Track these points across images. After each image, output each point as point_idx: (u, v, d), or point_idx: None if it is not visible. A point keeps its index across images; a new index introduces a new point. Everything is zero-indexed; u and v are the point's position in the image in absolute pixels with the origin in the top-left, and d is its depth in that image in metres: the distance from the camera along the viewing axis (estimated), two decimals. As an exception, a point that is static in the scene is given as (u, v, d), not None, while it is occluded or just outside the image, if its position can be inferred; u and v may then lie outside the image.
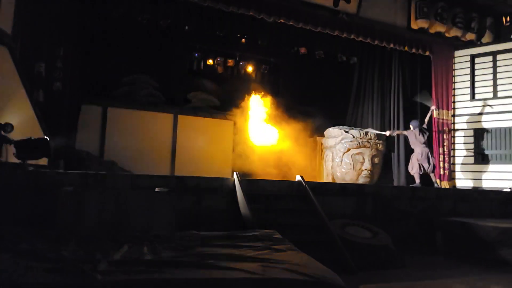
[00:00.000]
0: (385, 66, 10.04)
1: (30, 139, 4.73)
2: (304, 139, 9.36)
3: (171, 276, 2.16)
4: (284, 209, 5.33)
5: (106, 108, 8.68)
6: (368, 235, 5.26)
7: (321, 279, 2.19)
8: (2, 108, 4.86)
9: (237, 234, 3.58)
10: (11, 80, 5.15)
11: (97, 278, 2.08)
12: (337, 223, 5.45)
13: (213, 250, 2.89)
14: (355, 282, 4.03)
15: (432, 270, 4.92)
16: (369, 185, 6.57)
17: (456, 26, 9.11)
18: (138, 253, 2.78)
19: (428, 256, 5.84)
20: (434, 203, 6.78)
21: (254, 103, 9.58)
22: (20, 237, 3.07)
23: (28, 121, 5.30)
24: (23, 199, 4.29)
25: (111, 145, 8.42)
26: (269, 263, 2.43)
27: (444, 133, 9.41)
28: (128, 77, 9.58)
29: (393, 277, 4.43)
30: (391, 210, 6.39)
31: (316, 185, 5.96)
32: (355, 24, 8.50)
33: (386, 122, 9.87)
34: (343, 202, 6.06)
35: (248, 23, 8.24)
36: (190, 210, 5.00)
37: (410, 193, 6.66)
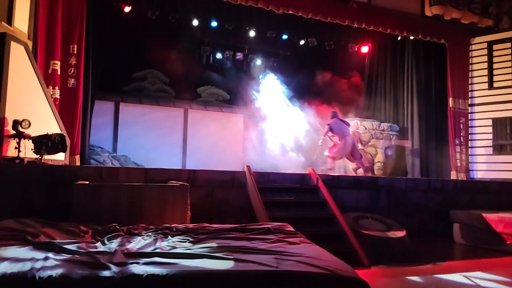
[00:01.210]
0: (397, 55, 9.85)
1: (47, 135, 4.83)
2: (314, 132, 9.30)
3: (185, 268, 2.17)
4: (296, 202, 5.31)
5: (118, 104, 8.80)
6: (382, 228, 5.21)
7: (336, 271, 2.17)
8: (20, 105, 4.96)
9: (249, 226, 3.58)
10: (28, 78, 5.25)
11: (114, 269, 2.11)
12: (350, 216, 5.41)
13: (226, 243, 2.89)
14: (370, 276, 4.00)
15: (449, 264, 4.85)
16: (382, 177, 6.48)
17: (472, 11, 8.84)
18: (152, 245, 2.81)
19: (444, 249, 5.76)
20: (451, 195, 6.66)
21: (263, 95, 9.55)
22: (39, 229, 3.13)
23: (45, 117, 5.40)
24: (41, 193, 4.38)
25: (124, 139, 8.54)
26: (283, 256, 2.43)
27: (460, 123, 9.21)
28: (138, 72, 9.67)
29: (408, 271, 4.37)
30: (405, 203, 6.31)
31: (328, 177, 5.91)
32: (366, 13, 8.34)
33: (399, 112, 9.72)
34: (356, 195, 6.00)
35: (257, 16, 8.17)
36: (202, 203, 5.03)
37: (426, 185, 6.55)
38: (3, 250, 2.43)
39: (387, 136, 8.99)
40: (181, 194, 4.29)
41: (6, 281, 1.95)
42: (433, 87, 9.49)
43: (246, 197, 5.24)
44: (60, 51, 6.18)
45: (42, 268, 2.07)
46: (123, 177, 4.77)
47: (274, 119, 9.38)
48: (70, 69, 6.28)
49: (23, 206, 4.30)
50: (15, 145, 4.71)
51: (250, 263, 2.28)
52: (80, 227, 3.38)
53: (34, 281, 1.96)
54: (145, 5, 7.55)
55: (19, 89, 4.99)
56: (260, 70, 10.36)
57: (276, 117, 9.43)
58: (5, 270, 2.02)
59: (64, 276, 2.01)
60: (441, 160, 9.27)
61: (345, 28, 8.60)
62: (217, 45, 10.24)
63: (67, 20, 6.30)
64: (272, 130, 9.21)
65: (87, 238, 3.09)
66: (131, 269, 2.15)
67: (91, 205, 3.97)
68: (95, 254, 2.46)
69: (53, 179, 4.46)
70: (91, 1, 6.77)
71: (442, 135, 9.37)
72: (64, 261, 2.25)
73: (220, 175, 5.30)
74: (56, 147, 4.87)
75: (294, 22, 8.47)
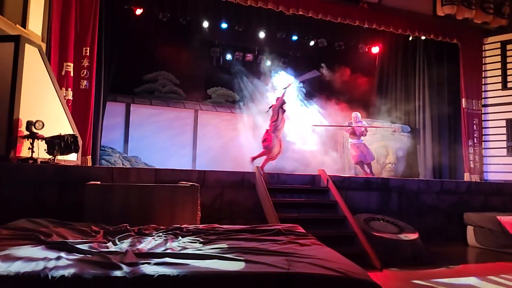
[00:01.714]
0: (409, 56, 9.74)
1: (59, 136, 4.89)
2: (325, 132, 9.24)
3: (195, 269, 2.17)
4: (306, 203, 5.28)
5: (129, 105, 8.88)
6: (394, 230, 5.14)
7: (348, 274, 2.14)
8: (33, 106, 5.03)
9: (259, 228, 3.56)
10: (42, 80, 5.33)
11: (125, 269, 2.12)
12: (360, 217, 5.35)
13: (237, 244, 2.88)
14: (381, 279, 3.94)
15: (463, 267, 4.76)
16: (394, 178, 6.40)
17: (485, 11, 8.71)
18: (162, 246, 2.82)
19: (458, 252, 5.66)
20: (465, 197, 6.54)
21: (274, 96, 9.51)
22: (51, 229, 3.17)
23: (58, 118, 5.48)
24: (54, 193, 4.44)
25: (135, 140, 8.62)
26: (294, 257, 2.40)
27: (474, 124, 9.06)
28: (149, 74, 9.76)
29: (421, 274, 4.30)
30: (418, 205, 6.22)
31: (338, 179, 5.87)
32: (377, 13, 8.27)
33: (411, 113, 9.60)
34: (367, 196, 5.94)
35: (267, 17, 8.17)
36: (211, 204, 5.04)
37: (439, 187, 6.45)
38: (17, 249, 2.46)
39: (398, 137, 8.88)
40: (191, 194, 4.31)
41: (20, 280, 1.97)
42: (446, 88, 9.35)
43: (256, 198, 5.23)
44: (73, 53, 6.28)
45: (55, 268, 2.09)
46: (134, 178, 4.81)
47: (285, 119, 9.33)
48: (83, 71, 6.37)
49: (36, 206, 4.36)
50: (28, 145, 4.79)
51: (261, 264, 2.27)
52: (91, 227, 3.41)
53: (47, 281, 1.98)
54: (156, 8, 7.62)
55: (33, 90, 5.07)
56: (269, 71, 10.34)
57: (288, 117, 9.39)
58: (18, 269, 2.04)
59: (76, 275, 2.02)
60: (454, 161, 9.13)
61: (356, 28, 8.53)
62: (227, 47, 10.27)
63: (80, 22, 6.40)
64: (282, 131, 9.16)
65: (99, 238, 3.11)
66: (142, 269, 2.16)
67: (103, 205, 4.01)
68: (106, 254, 2.48)
69: (66, 180, 4.52)
70: (104, 4, 6.86)
71: (455, 136, 9.23)
72: (77, 260, 2.27)
73: (230, 176, 5.30)
74: (69, 148, 4.93)
75: (304, 23, 8.45)
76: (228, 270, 2.19)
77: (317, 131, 8.96)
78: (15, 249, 2.46)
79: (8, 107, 4.74)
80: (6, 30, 5.18)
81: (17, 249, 2.47)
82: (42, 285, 1.97)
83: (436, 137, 9.18)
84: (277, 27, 8.59)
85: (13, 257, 2.26)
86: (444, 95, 9.36)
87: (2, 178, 4.33)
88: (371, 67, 10.24)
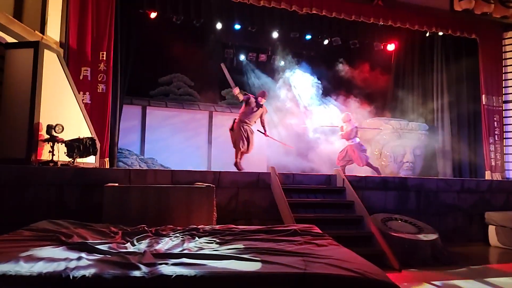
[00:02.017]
0: (426, 52, 9.55)
1: (78, 139, 5.01)
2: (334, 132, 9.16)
3: (212, 269, 2.18)
4: (322, 203, 5.24)
5: (145, 108, 9.01)
6: (412, 230, 5.05)
7: (366, 274, 2.11)
8: (53, 110, 5.17)
9: (275, 228, 3.55)
10: (61, 84, 5.47)
11: (144, 270, 2.14)
12: (378, 217, 5.28)
13: (253, 244, 2.88)
14: (400, 279, 3.88)
15: (484, 268, 4.63)
16: (412, 178, 6.28)
17: (504, 5, 8.48)
18: (179, 246, 2.85)
19: (479, 252, 5.52)
20: (486, 196, 6.38)
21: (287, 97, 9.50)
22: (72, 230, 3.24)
23: (77, 122, 5.61)
24: (74, 195, 4.54)
25: (151, 142, 8.73)
26: (311, 258, 2.39)
27: (494, 121, 8.81)
28: (164, 77, 9.88)
29: (441, 275, 4.21)
30: (437, 204, 6.09)
31: (355, 178, 5.80)
32: (392, 10, 8.15)
33: (428, 111, 9.41)
34: (384, 196, 5.86)
35: (279, 17, 8.16)
36: (227, 204, 5.06)
37: (459, 186, 6.30)
38: (39, 250, 2.52)
39: (416, 136, 8.72)
40: (207, 195, 4.33)
41: (42, 280, 2.03)
42: (465, 84, 9.12)
43: (271, 199, 5.23)
44: (90, 58, 6.42)
45: (76, 268, 2.14)
46: (150, 179, 4.87)
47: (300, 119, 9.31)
48: (100, 75, 6.49)
49: (57, 207, 4.47)
50: (49, 149, 4.91)
51: (277, 265, 2.26)
52: (110, 228, 3.47)
53: (68, 280, 2.02)
54: (170, 11, 7.71)
55: (52, 95, 5.20)
56: (283, 71, 10.33)
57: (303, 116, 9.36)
58: (41, 269, 2.10)
59: (97, 275, 2.06)
60: (474, 159, 8.90)
61: (370, 26, 8.42)
62: (241, 48, 10.30)
63: (97, 28, 6.54)
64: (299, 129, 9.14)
65: (117, 239, 3.16)
66: (160, 269, 2.18)
67: (120, 206, 4.08)
68: (125, 254, 2.52)
69: (85, 182, 4.61)
70: (119, 8, 6.98)
71: (475, 133, 9.00)
72: (97, 261, 2.32)
73: (245, 177, 5.31)
74: (87, 151, 5.04)
75: (317, 22, 8.39)
76: (245, 270, 2.19)
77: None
78: (37, 249, 2.53)
79: (29, 111, 4.88)
80: (26, 37, 5.33)
81: (39, 249, 2.53)
82: (64, 285, 2.02)
83: (456, 135, 8.97)
84: (290, 27, 8.56)
85: (36, 257, 2.32)
86: (463, 91, 9.13)
87: (24, 181, 4.45)
88: (386, 65, 10.09)
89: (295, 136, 8.94)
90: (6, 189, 4.38)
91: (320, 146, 8.85)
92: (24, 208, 4.36)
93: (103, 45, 6.55)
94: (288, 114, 9.40)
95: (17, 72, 5.04)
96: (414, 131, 8.92)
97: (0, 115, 4.95)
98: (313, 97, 9.77)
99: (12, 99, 4.99)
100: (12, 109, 4.96)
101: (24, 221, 3.58)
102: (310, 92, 9.81)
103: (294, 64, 10.38)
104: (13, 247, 2.55)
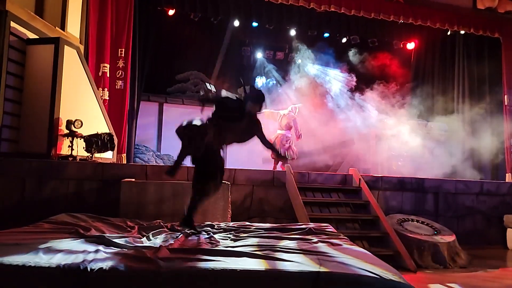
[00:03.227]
0: (447, 51, 9.33)
1: (97, 134, 5.10)
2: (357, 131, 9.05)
3: (227, 266, 2.19)
4: (337, 203, 5.20)
5: (162, 105, 9.09)
6: (429, 232, 4.96)
7: (382, 275, 2.08)
8: (72, 106, 5.28)
9: (291, 226, 3.55)
10: (80, 80, 5.58)
11: (159, 264, 2.17)
12: (394, 218, 5.21)
13: (268, 242, 2.88)
14: (416, 281, 3.81)
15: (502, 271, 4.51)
16: (430, 179, 6.16)
17: (529, 3, 8.20)
18: (195, 242, 2.87)
19: (497, 256, 5.38)
20: (506, 199, 6.21)
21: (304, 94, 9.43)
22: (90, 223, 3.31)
23: (95, 118, 5.71)
24: (92, 189, 4.64)
25: (167, 139, 8.81)
26: (326, 257, 2.37)
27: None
28: (181, 74, 9.94)
29: (457, 277, 4.12)
30: (455, 206, 5.97)
31: (371, 178, 5.73)
32: (413, 7, 7.98)
33: (449, 111, 9.20)
34: (400, 197, 5.77)
35: (298, 14, 8.10)
36: (242, 202, 5.07)
37: (478, 188, 6.15)
38: (58, 242, 2.58)
39: (435, 136, 8.53)
40: (222, 192, 4.34)
41: (61, 271, 2.07)
42: (487, 84, 8.88)
43: (286, 197, 5.21)
44: (109, 55, 6.51)
45: (93, 260, 2.18)
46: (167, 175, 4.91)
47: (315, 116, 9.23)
48: (118, 72, 6.58)
49: (75, 201, 4.57)
50: (68, 143, 5.02)
51: (292, 263, 2.26)
52: (127, 222, 3.53)
53: (86, 272, 2.06)
54: (188, 8, 7.75)
55: (72, 91, 5.31)
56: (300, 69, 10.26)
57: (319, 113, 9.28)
58: (59, 261, 2.15)
59: (114, 268, 2.10)
60: (495, 161, 8.66)
61: (390, 24, 8.27)
62: (258, 45, 10.27)
63: (116, 25, 6.62)
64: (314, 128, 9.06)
65: (134, 233, 3.21)
66: (176, 264, 2.20)
67: (137, 201, 4.14)
68: (141, 248, 2.56)
69: (103, 176, 4.70)
70: (138, 6, 7.06)
71: (496, 135, 8.74)
72: (114, 254, 2.36)
73: (260, 175, 5.31)
74: (105, 146, 5.13)
75: (335, 19, 8.29)
76: (259, 268, 2.19)
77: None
78: (56, 242, 2.58)
79: (49, 106, 5.00)
80: (47, 33, 5.45)
81: (58, 242, 2.59)
82: (82, 277, 2.06)
83: (476, 135, 8.74)
84: (308, 25, 8.49)
85: (55, 249, 2.37)
86: (485, 92, 8.88)
87: (45, 175, 4.57)
88: (406, 64, 9.90)
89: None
90: (27, 182, 4.50)
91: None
92: (44, 201, 4.48)
93: (122, 42, 6.64)
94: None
95: (38, 67, 5.16)
96: (434, 131, 8.73)
97: (22, 110, 5.08)
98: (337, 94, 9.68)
99: (33, 94, 5.11)
100: (33, 104, 5.08)
101: (44, 214, 3.67)
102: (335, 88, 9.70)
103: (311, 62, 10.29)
104: (33, 239, 2.61)
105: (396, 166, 8.49)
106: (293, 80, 9.87)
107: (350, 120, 8.99)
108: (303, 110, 8.74)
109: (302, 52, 9.79)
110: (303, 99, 8.85)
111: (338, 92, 9.88)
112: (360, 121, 8.94)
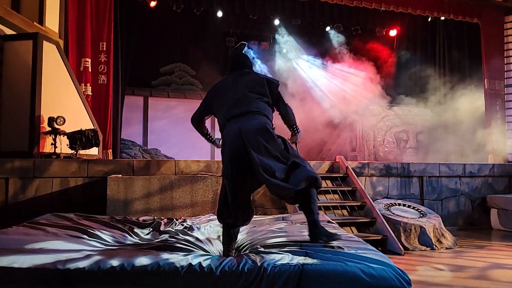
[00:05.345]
0: (428, 37, 9.44)
1: (80, 131, 5.01)
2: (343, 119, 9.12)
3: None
4: (325, 190, 5.26)
5: (147, 98, 8.98)
6: (415, 215, 5.08)
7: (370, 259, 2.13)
8: (54, 102, 5.16)
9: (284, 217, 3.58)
10: (61, 76, 5.44)
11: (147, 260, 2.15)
12: (381, 203, 5.31)
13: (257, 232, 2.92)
14: (404, 263, 3.92)
15: (487, 250, 4.66)
16: (414, 163, 6.28)
17: (506, -12, 8.33)
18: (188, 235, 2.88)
19: (482, 236, 5.56)
20: (488, 180, 6.40)
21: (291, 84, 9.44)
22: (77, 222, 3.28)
23: (78, 114, 5.59)
24: (78, 187, 4.57)
25: (154, 133, 8.73)
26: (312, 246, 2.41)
27: (496, 105, 8.74)
28: (166, 66, 9.82)
29: (444, 258, 4.25)
30: (439, 189, 6.12)
31: (358, 165, 5.81)
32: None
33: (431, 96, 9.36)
34: (387, 182, 5.88)
35: (281, 3, 8.05)
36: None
37: (461, 170, 6.32)
38: (43, 243, 2.53)
39: (418, 121, 8.67)
40: (211, 185, 4.35)
41: (41, 272, 2.04)
42: (467, 69, 9.06)
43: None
44: (90, 49, 6.35)
45: (76, 259, 2.15)
46: (154, 170, 4.89)
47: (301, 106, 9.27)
48: (100, 66, 6.44)
49: (62, 199, 4.50)
50: (51, 141, 4.92)
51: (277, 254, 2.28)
52: (115, 219, 3.51)
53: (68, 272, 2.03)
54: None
55: (53, 87, 5.18)
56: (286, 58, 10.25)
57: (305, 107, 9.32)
58: (41, 261, 2.11)
59: (98, 266, 2.08)
60: (476, 144, 8.88)
61: (372, 12, 8.32)
62: (242, 36, 10.19)
63: (96, 17, 6.44)
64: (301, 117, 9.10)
65: (121, 229, 3.19)
66: (164, 258, 2.21)
67: (124, 197, 4.11)
68: (129, 245, 2.55)
69: (88, 173, 4.64)
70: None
71: (477, 118, 8.94)
72: (100, 252, 2.34)
73: (248, 165, 5.31)
74: (90, 142, 5.05)
75: (319, 8, 8.27)
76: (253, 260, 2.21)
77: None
78: (41, 243, 2.53)
79: (30, 104, 4.88)
80: (24, 28, 5.29)
81: (43, 243, 2.54)
82: (63, 277, 2.03)
83: (458, 119, 8.92)
84: (292, 14, 8.45)
85: (38, 250, 2.33)
86: (466, 76, 9.06)
87: (28, 174, 4.48)
88: (389, 51, 9.99)
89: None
90: (10, 182, 4.41)
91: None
92: (28, 201, 4.40)
93: (103, 35, 6.48)
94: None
95: (16, 64, 5.02)
96: (417, 116, 8.87)
97: (1, 108, 4.95)
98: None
99: (13, 92, 4.98)
100: (13, 102, 4.95)
101: (29, 214, 3.62)
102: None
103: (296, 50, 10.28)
104: (17, 241, 2.57)
105: (383, 152, 8.61)
106: (278, 69, 9.87)
107: (335, 107, 9.04)
108: (291, 102, 8.75)
109: (286, 41, 9.79)
110: (288, 91, 8.87)
111: (323, 81, 9.92)
112: (345, 108, 9.00)
